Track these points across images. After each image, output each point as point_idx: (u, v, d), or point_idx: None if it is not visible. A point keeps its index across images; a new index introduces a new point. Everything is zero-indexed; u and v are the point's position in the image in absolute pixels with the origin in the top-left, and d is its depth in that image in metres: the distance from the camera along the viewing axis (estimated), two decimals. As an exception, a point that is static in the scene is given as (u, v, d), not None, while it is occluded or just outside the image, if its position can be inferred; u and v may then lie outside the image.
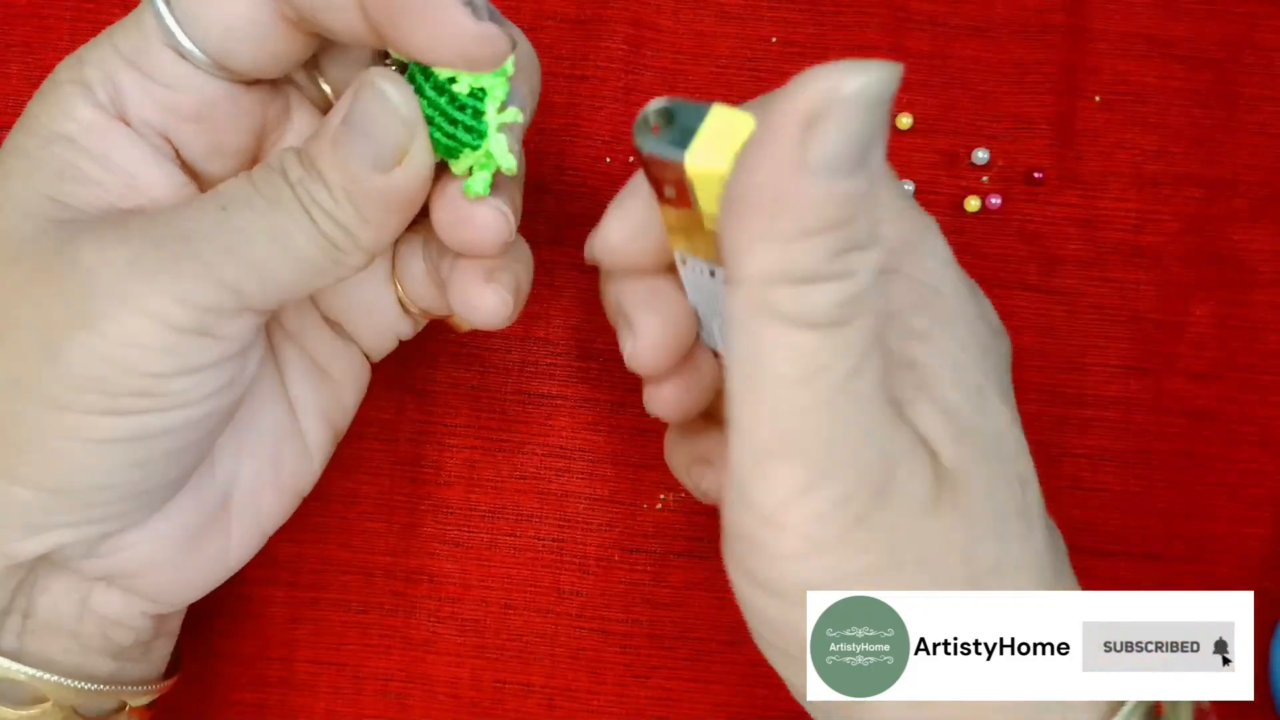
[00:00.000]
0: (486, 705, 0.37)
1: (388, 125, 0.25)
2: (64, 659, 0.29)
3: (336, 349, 0.33)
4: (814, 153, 0.20)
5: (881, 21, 0.38)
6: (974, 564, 0.24)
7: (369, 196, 0.26)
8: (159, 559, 0.29)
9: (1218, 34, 0.38)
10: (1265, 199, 0.38)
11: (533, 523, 0.37)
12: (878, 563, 0.23)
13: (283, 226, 0.26)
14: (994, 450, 0.25)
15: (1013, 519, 0.25)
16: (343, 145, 0.25)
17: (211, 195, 0.26)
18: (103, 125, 0.27)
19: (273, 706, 0.37)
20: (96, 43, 0.27)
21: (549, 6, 0.38)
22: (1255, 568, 0.37)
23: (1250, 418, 0.37)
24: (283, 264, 0.26)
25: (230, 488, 0.30)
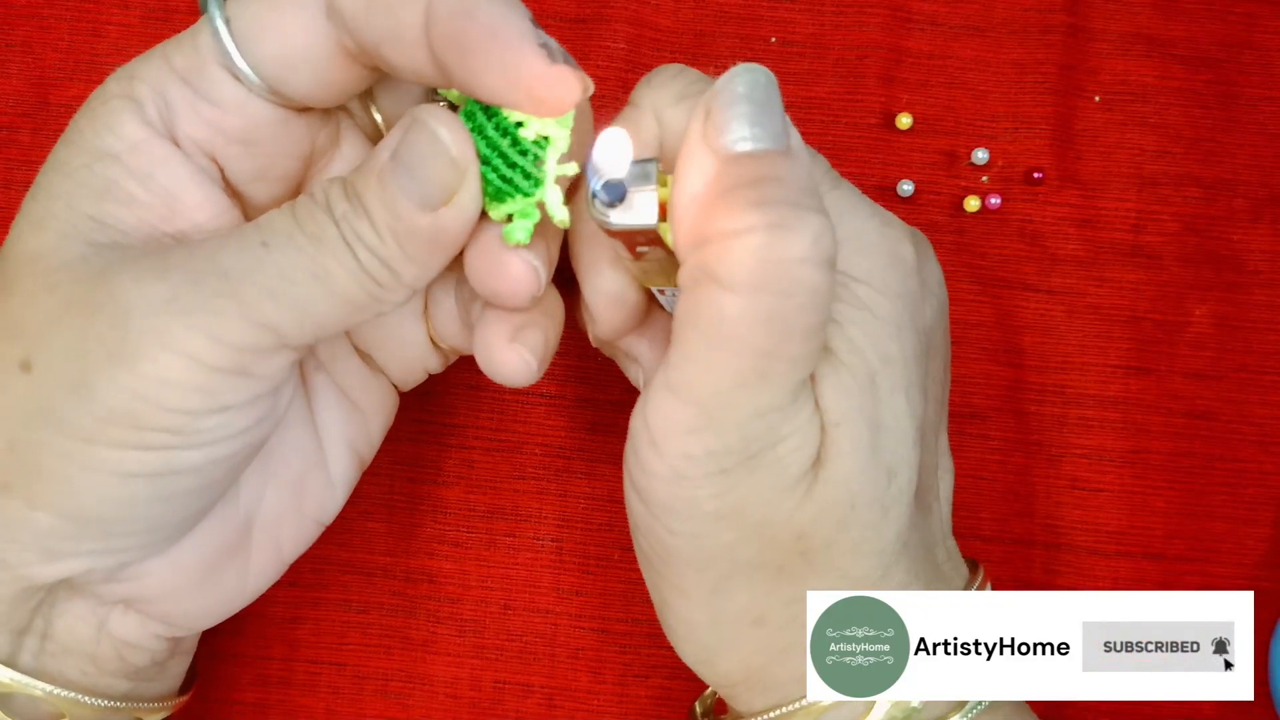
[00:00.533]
0: (486, 705, 0.37)
1: (437, 164, 0.25)
2: (80, 680, 0.29)
3: (366, 380, 0.32)
4: (708, 131, 0.24)
5: (881, 21, 0.38)
6: (805, 540, 0.26)
7: (413, 234, 0.25)
8: (178, 585, 0.29)
9: (1217, 34, 0.38)
10: (1265, 199, 0.38)
11: (532, 523, 0.37)
12: (724, 511, 0.26)
13: (324, 264, 0.25)
14: (866, 439, 0.26)
15: (863, 508, 0.26)
16: (390, 182, 0.25)
17: (252, 229, 0.26)
18: (149, 143, 0.27)
19: (273, 706, 0.37)
20: (149, 57, 0.27)
21: (549, 6, 0.38)
22: (1255, 568, 0.37)
23: (1249, 418, 0.37)
24: (323, 302, 0.25)
25: (252, 516, 0.30)
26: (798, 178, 0.24)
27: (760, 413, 0.25)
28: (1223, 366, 0.37)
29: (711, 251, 0.24)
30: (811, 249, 0.23)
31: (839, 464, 0.26)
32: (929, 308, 0.29)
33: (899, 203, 0.38)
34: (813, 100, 0.38)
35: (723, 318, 0.24)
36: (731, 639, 0.28)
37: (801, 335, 0.24)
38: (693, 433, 0.25)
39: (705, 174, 0.24)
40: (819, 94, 0.38)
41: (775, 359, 0.24)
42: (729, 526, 0.26)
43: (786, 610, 0.27)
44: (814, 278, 0.24)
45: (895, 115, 0.38)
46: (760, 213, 0.23)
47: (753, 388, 0.24)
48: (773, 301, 0.23)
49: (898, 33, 0.38)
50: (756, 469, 0.25)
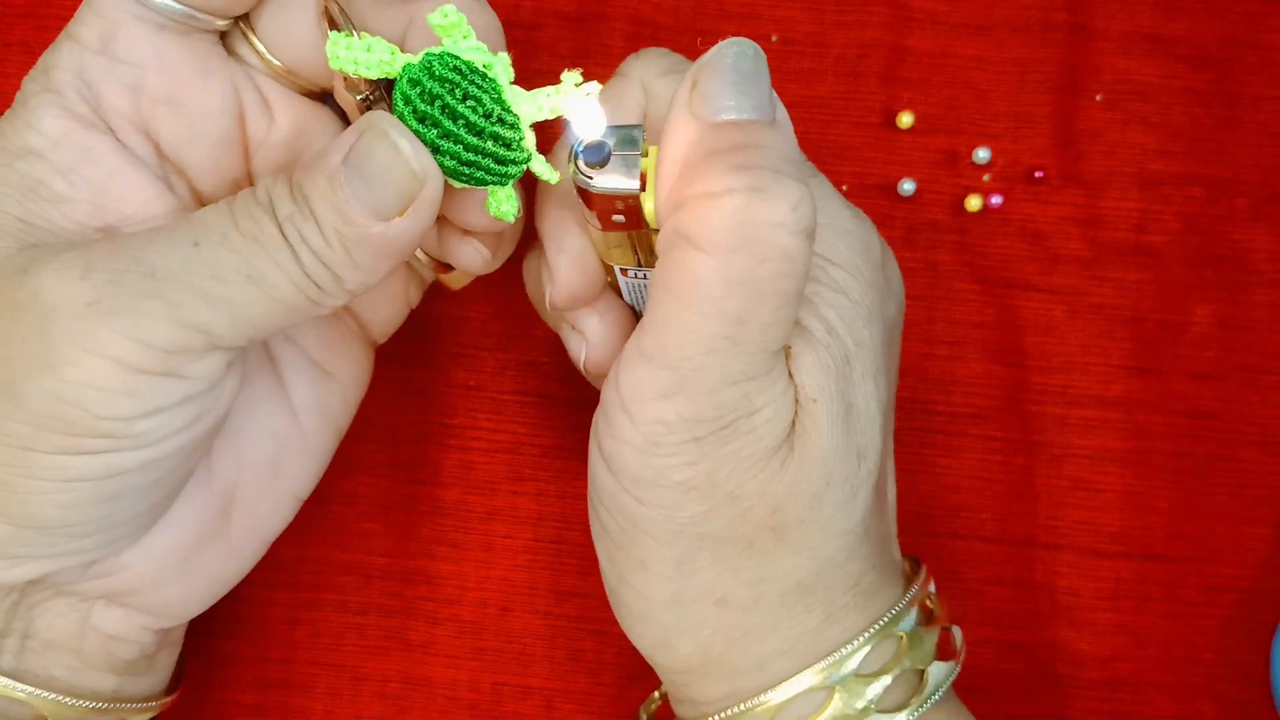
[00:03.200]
0: (485, 707, 0.37)
1: (395, 175, 0.25)
2: (66, 676, 0.28)
3: (337, 345, 0.32)
4: (694, 99, 0.25)
5: (882, 19, 0.38)
6: (778, 515, 0.26)
7: (363, 243, 0.25)
8: (160, 575, 0.29)
9: (1219, 33, 0.38)
10: (1266, 199, 0.38)
11: (531, 524, 0.37)
12: (696, 480, 0.25)
13: (260, 266, 0.25)
14: (841, 417, 0.26)
15: (836, 486, 0.26)
16: (342, 187, 0.24)
17: (185, 226, 0.25)
18: (72, 135, 0.26)
19: (271, 708, 0.37)
20: (57, 45, 0.27)
21: (549, 4, 0.38)
22: (1256, 568, 0.37)
23: (1251, 418, 0.37)
24: (257, 304, 0.25)
25: (230, 498, 0.30)
26: (780, 147, 0.24)
27: (733, 380, 0.25)
28: (1225, 367, 0.37)
29: (688, 213, 0.24)
30: (789, 215, 0.23)
31: (816, 439, 0.26)
32: (892, 303, 0.29)
33: (900, 202, 0.38)
34: (814, 99, 0.38)
35: (696, 279, 0.24)
36: (692, 619, 0.27)
37: (775, 302, 0.24)
38: (666, 398, 0.25)
39: (688, 140, 0.24)
40: (820, 92, 0.38)
41: (747, 325, 0.24)
42: (700, 497, 0.26)
43: (751, 591, 0.27)
44: (790, 244, 0.23)
45: (897, 114, 0.37)
46: (739, 176, 0.23)
47: (725, 353, 0.24)
48: (746, 264, 0.23)
49: (899, 31, 0.38)
50: (730, 439, 0.25)
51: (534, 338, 0.37)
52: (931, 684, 0.28)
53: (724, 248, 0.23)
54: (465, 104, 0.25)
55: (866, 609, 0.28)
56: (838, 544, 0.27)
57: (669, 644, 0.28)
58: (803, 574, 0.27)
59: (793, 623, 0.27)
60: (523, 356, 0.37)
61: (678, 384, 0.25)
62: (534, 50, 0.38)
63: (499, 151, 0.25)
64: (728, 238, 0.23)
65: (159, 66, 0.27)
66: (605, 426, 0.26)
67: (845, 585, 0.27)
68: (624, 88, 0.28)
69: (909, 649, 0.28)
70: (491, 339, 0.37)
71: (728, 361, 0.24)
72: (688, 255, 0.24)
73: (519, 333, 0.37)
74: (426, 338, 0.37)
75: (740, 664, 0.28)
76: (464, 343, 0.37)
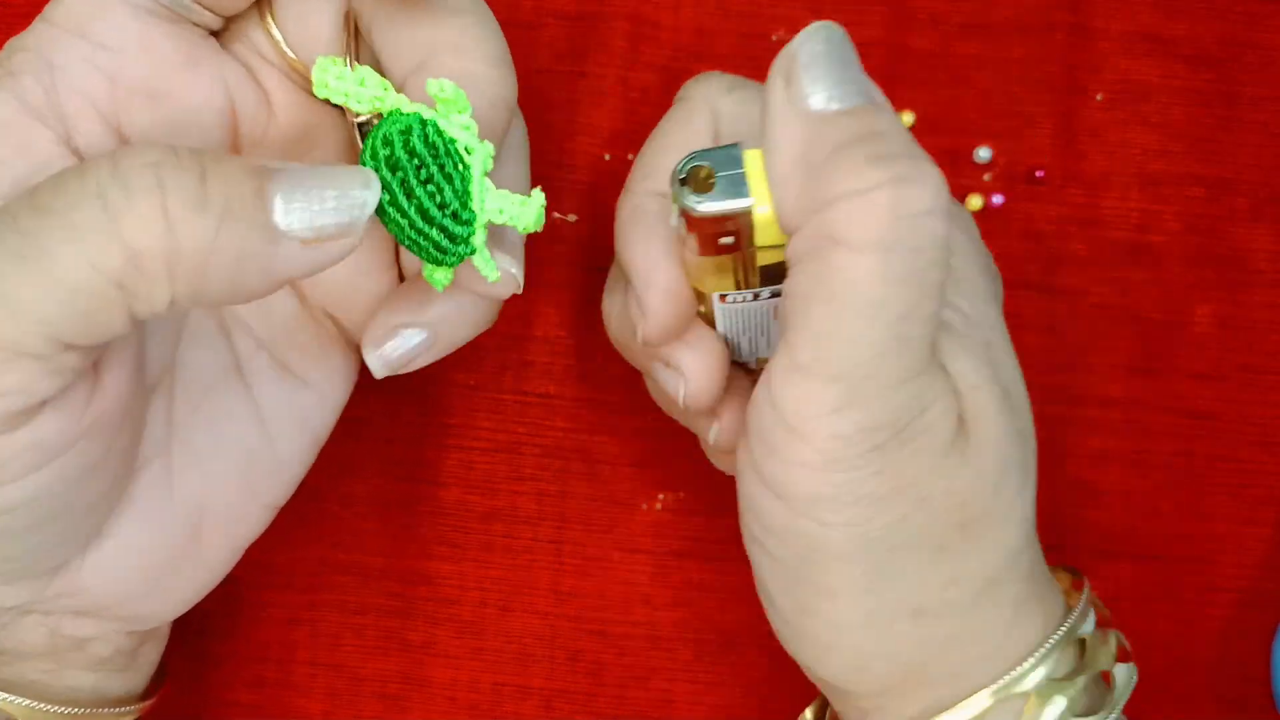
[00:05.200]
0: (485, 708, 0.36)
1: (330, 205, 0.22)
2: (42, 679, 0.28)
3: (313, 352, 0.30)
4: (794, 94, 0.23)
5: (883, 19, 0.38)
6: (966, 510, 0.25)
7: (245, 232, 0.22)
8: (127, 592, 0.28)
9: (1219, 33, 0.38)
10: (1267, 198, 0.38)
11: (530, 524, 0.37)
12: (882, 491, 0.24)
13: (43, 242, 0.21)
14: (1004, 403, 0.26)
15: (1012, 471, 0.26)
16: (260, 177, 0.22)
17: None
18: (13, 123, 0.24)
19: (269, 708, 0.36)
20: (32, 27, 0.25)
21: (548, 3, 0.38)
22: (1256, 568, 0.37)
23: (1251, 418, 0.37)
24: (38, 294, 0.21)
25: (198, 513, 0.29)
26: (899, 130, 0.23)
27: (903, 380, 0.24)
28: (1225, 366, 0.37)
29: (835, 214, 0.22)
30: (935, 199, 0.23)
31: (986, 426, 0.25)
32: (999, 284, 0.29)
33: (900, 201, 0.37)
34: (814, 98, 0.38)
35: (854, 281, 0.22)
36: (890, 637, 0.26)
37: (934, 290, 0.23)
38: (838, 411, 0.23)
39: (801, 138, 0.23)
40: (820, 92, 0.38)
41: (910, 320, 0.23)
42: (892, 505, 0.24)
43: (943, 595, 0.26)
44: (941, 229, 0.23)
45: (898, 113, 0.37)
46: (881, 168, 0.22)
47: (894, 354, 0.23)
48: (907, 258, 0.22)
49: (899, 30, 0.38)
50: (909, 440, 0.24)
51: (534, 338, 0.37)
52: (1120, 686, 0.27)
53: (882, 245, 0.22)
54: (425, 188, 0.24)
55: (1045, 601, 0.27)
56: (1018, 531, 0.26)
57: (864, 668, 0.27)
58: (991, 569, 0.26)
59: (984, 623, 0.26)
60: (523, 356, 0.37)
61: (849, 394, 0.23)
62: (534, 50, 0.38)
63: (441, 241, 0.24)
64: (885, 234, 0.22)
65: (141, 54, 0.25)
66: (768, 452, 0.25)
67: (1024, 576, 0.27)
68: (690, 110, 0.28)
69: (1094, 650, 0.27)
70: (491, 339, 0.37)
71: (897, 362, 0.23)
72: (841, 258, 0.22)
73: (519, 333, 0.37)
74: (426, 337, 0.37)
75: (938, 674, 0.26)
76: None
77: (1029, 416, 0.27)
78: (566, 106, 0.38)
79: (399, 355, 0.28)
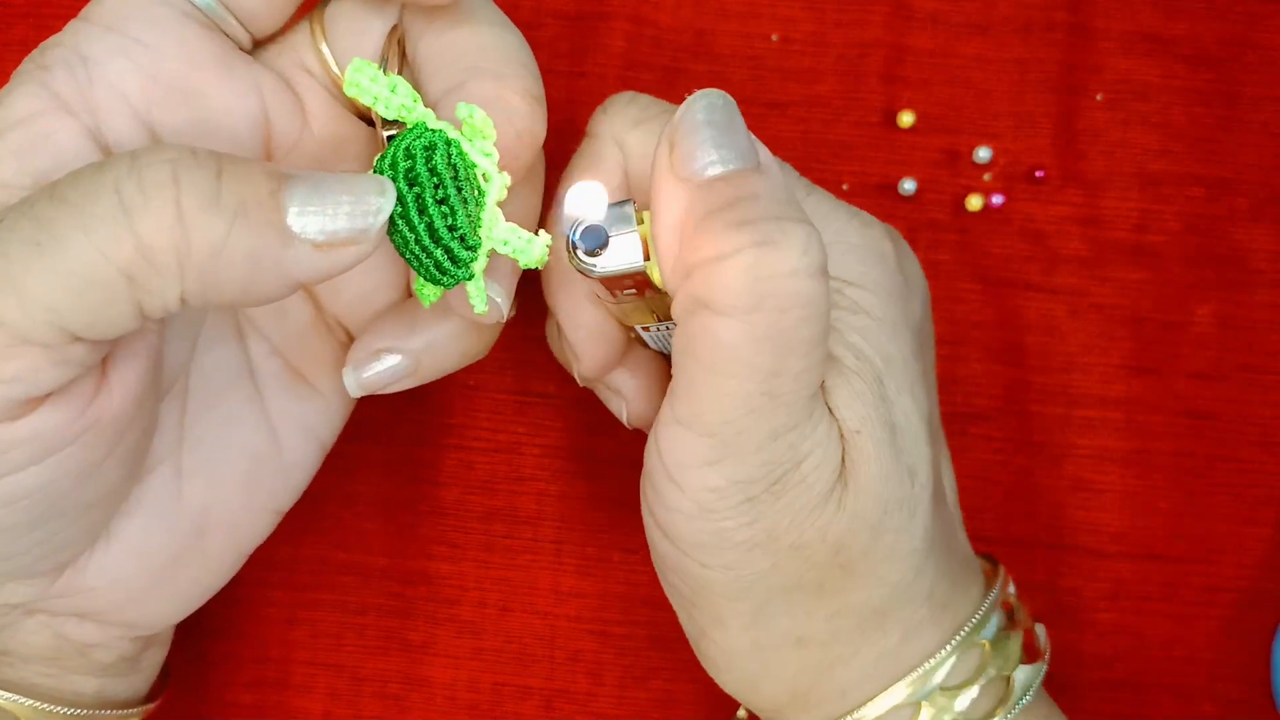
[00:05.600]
0: (485, 708, 0.36)
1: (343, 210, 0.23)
2: (46, 683, 0.28)
3: (327, 360, 0.30)
4: (675, 161, 0.24)
5: (883, 19, 0.38)
6: (844, 553, 0.26)
7: (259, 232, 0.22)
8: (130, 595, 0.28)
9: (1219, 33, 0.38)
10: (1267, 198, 0.38)
11: (531, 524, 0.37)
12: (757, 539, 0.25)
13: (56, 230, 0.21)
14: (887, 442, 0.26)
15: (893, 511, 0.26)
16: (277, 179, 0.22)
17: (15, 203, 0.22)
18: (40, 117, 0.24)
19: (270, 708, 0.36)
20: (68, 26, 0.25)
21: (548, 4, 0.38)
22: (1256, 568, 0.37)
23: (1252, 418, 0.37)
24: (49, 282, 0.21)
25: (204, 516, 0.29)
26: (774, 191, 0.24)
27: (776, 434, 0.24)
28: (1225, 366, 0.37)
29: (700, 279, 0.23)
30: (801, 259, 0.23)
31: (866, 470, 0.25)
32: (916, 302, 0.28)
33: (901, 201, 0.37)
34: (814, 98, 0.38)
35: (722, 343, 0.23)
36: (775, 663, 0.27)
37: (804, 348, 0.23)
38: (711, 464, 0.24)
39: (680, 204, 0.24)
40: (820, 92, 0.38)
41: (781, 377, 0.23)
42: (764, 554, 0.25)
43: (828, 625, 0.27)
44: (808, 288, 0.23)
45: (897, 113, 0.37)
46: (743, 232, 0.23)
47: (764, 411, 0.24)
48: (769, 319, 0.23)
49: (899, 30, 0.38)
50: (783, 492, 0.25)
51: (534, 338, 0.37)
52: (1018, 689, 0.27)
53: (744, 308, 0.23)
54: (439, 207, 0.24)
55: (943, 620, 0.28)
56: (905, 565, 0.27)
57: (755, 688, 0.28)
58: (876, 601, 0.27)
59: (871, 647, 0.27)
60: (523, 356, 0.37)
61: (721, 449, 0.24)
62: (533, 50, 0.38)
63: (443, 262, 0.24)
64: (744, 297, 0.23)
65: (177, 52, 0.25)
66: (655, 496, 0.26)
67: (918, 601, 0.27)
68: (599, 149, 0.28)
69: (993, 656, 0.27)
70: (491, 338, 0.37)
71: (768, 417, 0.24)
72: (709, 320, 0.23)
73: (518, 333, 0.37)
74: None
75: (826, 694, 0.28)
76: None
77: (924, 449, 0.27)
78: (566, 107, 0.38)
79: (375, 378, 0.28)
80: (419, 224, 0.24)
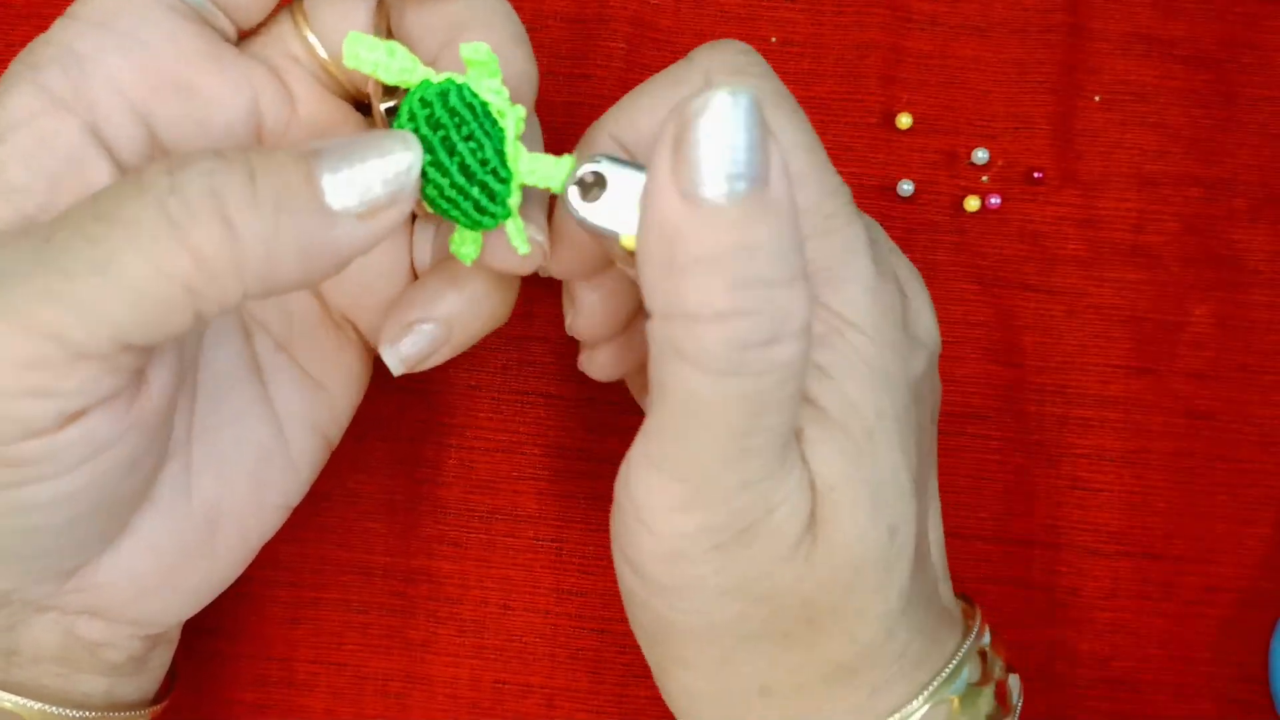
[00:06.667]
0: (486, 705, 0.37)
1: (377, 175, 0.23)
2: (55, 683, 0.28)
3: (332, 355, 0.31)
4: (683, 176, 0.21)
5: (881, 21, 0.38)
6: (811, 607, 0.25)
7: (301, 222, 0.22)
8: (142, 592, 0.28)
9: (1217, 34, 0.38)
10: (1264, 199, 0.38)
11: (532, 523, 0.37)
12: (728, 585, 0.24)
13: (112, 252, 0.21)
14: (867, 498, 0.25)
15: (868, 570, 0.25)
16: (307, 163, 0.22)
17: (53, 219, 0.22)
18: (40, 116, 0.24)
19: (272, 706, 0.37)
20: (56, 24, 0.26)
21: (549, 6, 0.38)
22: (1255, 567, 0.37)
23: (1250, 418, 0.37)
24: (110, 300, 0.21)
25: (214, 514, 0.29)
26: (776, 240, 0.21)
27: (747, 485, 0.23)
28: (1223, 366, 0.37)
29: (679, 329, 0.22)
30: (784, 327, 0.22)
31: (839, 529, 0.24)
32: (918, 360, 0.27)
33: (899, 203, 0.38)
34: (812, 100, 0.38)
35: (695, 397, 0.22)
36: (738, 710, 0.27)
37: (780, 405, 0.23)
38: (682, 510, 0.24)
39: (674, 222, 0.21)
40: (819, 94, 0.38)
41: (756, 433, 0.23)
42: (735, 600, 0.25)
43: (793, 678, 0.26)
44: (787, 353, 0.22)
45: (895, 115, 0.38)
46: (729, 298, 0.21)
47: (737, 462, 0.23)
48: (747, 382, 0.22)
49: (898, 32, 0.38)
50: (752, 541, 0.24)
51: (535, 338, 0.37)
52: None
53: (721, 371, 0.22)
54: (467, 143, 0.24)
55: (914, 676, 0.27)
56: (877, 626, 0.26)
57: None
58: (844, 658, 0.26)
59: (836, 703, 0.26)
60: (524, 356, 0.37)
61: (693, 495, 0.23)
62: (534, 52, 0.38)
63: (482, 199, 0.25)
64: (724, 362, 0.22)
65: (169, 47, 0.25)
66: (624, 534, 0.25)
67: (889, 660, 0.26)
68: (686, 74, 0.26)
69: (961, 711, 0.27)
70: (493, 338, 0.37)
71: (741, 470, 0.23)
72: (684, 371, 0.22)
73: (520, 333, 0.37)
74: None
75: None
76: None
77: (908, 507, 0.25)
78: (567, 109, 0.38)
79: (416, 351, 0.28)
80: (451, 165, 0.24)
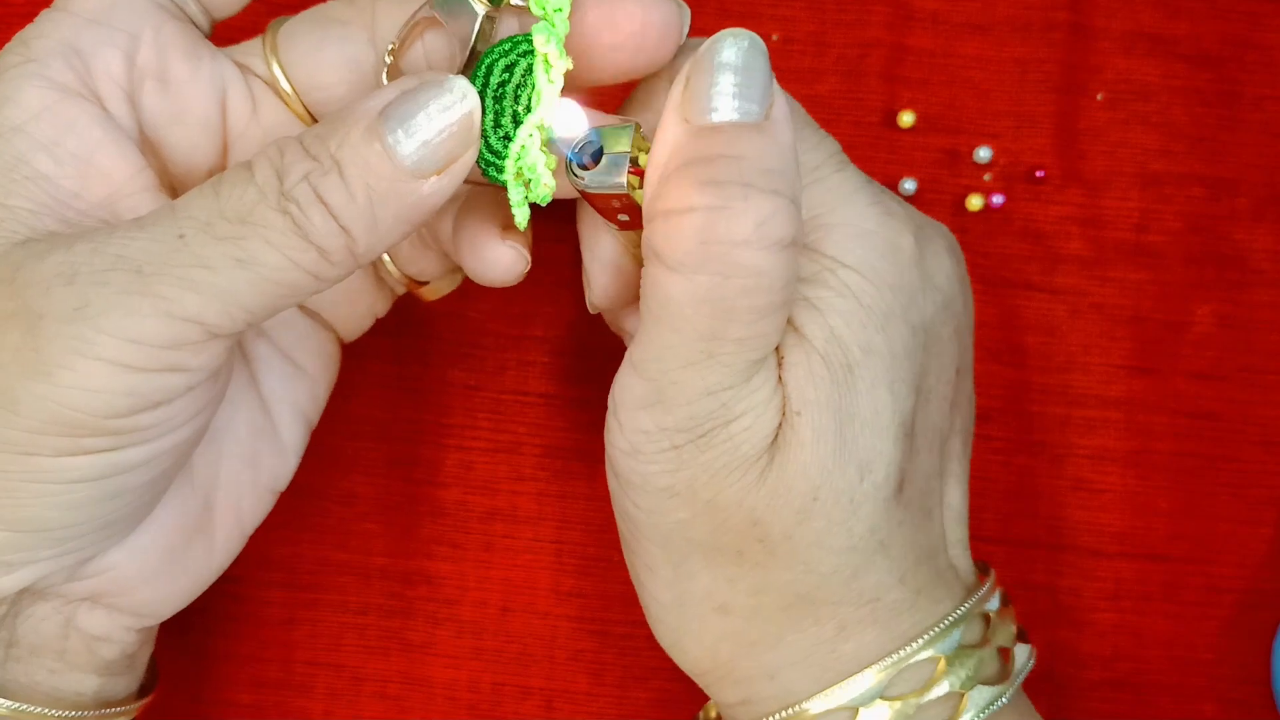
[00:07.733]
0: (485, 708, 0.37)
1: (446, 129, 0.24)
2: (48, 680, 0.28)
3: (308, 340, 0.32)
4: (684, 101, 0.24)
5: (883, 18, 0.38)
6: (761, 527, 0.26)
7: (391, 200, 0.24)
8: (145, 574, 0.28)
9: (1220, 33, 0.38)
10: (1268, 198, 0.38)
11: (531, 524, 0.37)
12: (676, 487, 0.26)
13: (249, 248, 0.24)
14: (833, 430, 0.25)
15: (828, 501, 0.26)
16: (379, 139, 0.23)
17: (169, 216, 0.24)
18: (56, 106, 0.26)
19: (269, 708, 0.37)
20: (43, 17, 0.27)
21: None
22: (1257, 568, 0.37)
23: (1253, 418, 0.37)
24: (249, 288, 0.24)
25: (211, 494, 0.30)
26: (764, 156, 0.24)
27: (710, 391, 0.25)
28: (1226, 366, 0.37)
29: (656, 229, 0.24)
30: (754, 232, 0.23)
31: (798, 453, 0.25)
32: (929, 302, 0.28)
33: (901, 201, 0.38)
34: (814, 98, 0.38)
35: (667, 296, 0.24)
36: (697, 623, 0.28)
37: (748, 317, 0.24)
38: (646, 408, 0.25)
39: (673, 144, 0.24)
40: (820, 91, 0.38)
41: (720, 340, 0.24)
42: (681, 503, 0.26)
43: (751, 600, 0.27)
44: (757, 260, 0.23)
45: (897, 113, 0.37)
46: (705, 192, 0.23)
47: (700, 366, 0.24)
48: (711, 283, 0.23)
49: (900, 30, 0.38)
50: (708, 447, 0.25)
51: (534, 338, 0.37)
52: (970, 709, 0.27)
53: (689, 266, 0.23)
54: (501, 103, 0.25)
55: (891, 626, 0.27)
56: (838, 560, 0.26)
57: (680, 646, 0.29)
58: (802, 588, 0.26)
59: (800, 634, 0.27)
60: (523, 356, 0.37)
61: (655, 395, 0.25)
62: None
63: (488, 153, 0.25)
64: (691, 257, 0.23)
65: (153, 40, 0.27)
66: (607, 432, 0.27)
67: (858, 601, 0.27)
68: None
69: (948, 670, 0.27)
70: (491, 338, 0.37)
71: (703, 375, 0.24)
72: (658, 272, 0.24)
73: (518, 332, 0.37)
74: (426, 336, 0.37)
75: (750, 672, 0.28)
76: (463, 342, 0.37)
77: (888, 447, 0.26)
78: (566, 106, 0.38)
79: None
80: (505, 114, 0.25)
